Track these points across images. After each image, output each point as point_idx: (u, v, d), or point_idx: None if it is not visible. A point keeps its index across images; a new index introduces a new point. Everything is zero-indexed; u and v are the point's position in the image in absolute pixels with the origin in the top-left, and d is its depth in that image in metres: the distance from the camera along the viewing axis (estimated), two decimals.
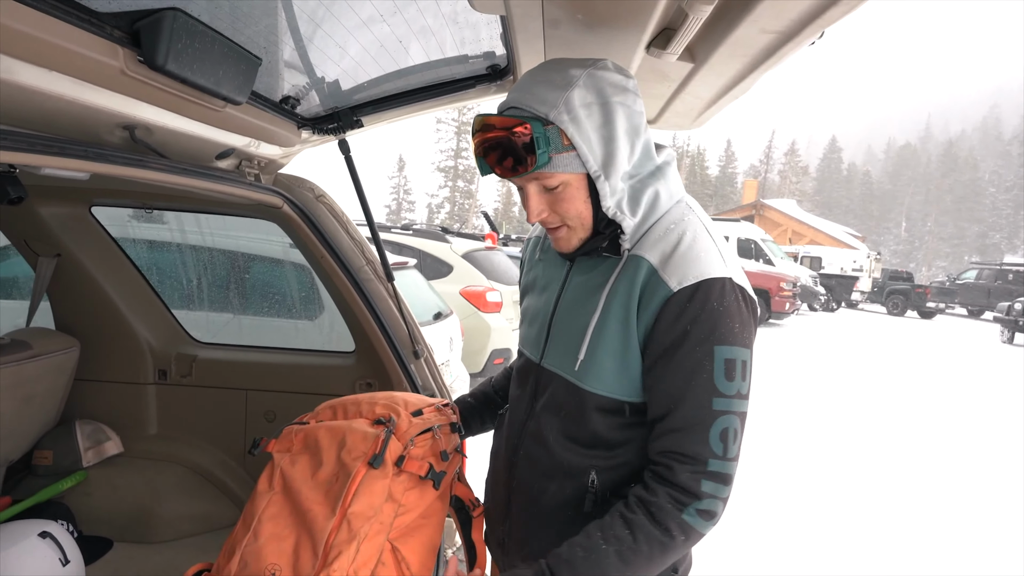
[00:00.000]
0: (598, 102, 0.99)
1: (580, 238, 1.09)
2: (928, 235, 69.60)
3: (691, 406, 0.97)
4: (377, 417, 1.20)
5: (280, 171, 1.94)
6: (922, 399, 8.35)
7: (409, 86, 1.77)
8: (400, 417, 1.19)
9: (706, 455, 0.97)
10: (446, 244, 6.86)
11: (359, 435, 1.15)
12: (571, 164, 1.00)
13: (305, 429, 1.22)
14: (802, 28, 0.98)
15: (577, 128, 0.98)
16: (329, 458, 1.15)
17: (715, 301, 0.98)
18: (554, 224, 1.08)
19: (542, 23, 1.24)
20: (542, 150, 0.97)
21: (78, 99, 1.07)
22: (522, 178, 1.03)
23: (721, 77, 1.32)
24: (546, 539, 1.11)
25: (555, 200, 1.04)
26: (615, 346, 1.04)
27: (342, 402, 1.28)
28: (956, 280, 25.54)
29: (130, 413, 2.44)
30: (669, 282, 0.99)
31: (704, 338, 0.97)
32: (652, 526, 0.96)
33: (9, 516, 2.00)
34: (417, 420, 1.21)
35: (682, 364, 0.98)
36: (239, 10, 1.21)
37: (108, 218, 2.37)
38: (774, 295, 15.25)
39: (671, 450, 0.98)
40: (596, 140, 1.00)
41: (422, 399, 1.30)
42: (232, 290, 3.42)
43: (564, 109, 0.97)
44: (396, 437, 1.16)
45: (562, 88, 0.98)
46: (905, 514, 4.45)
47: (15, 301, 2.89)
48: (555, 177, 1.02)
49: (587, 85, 0.99)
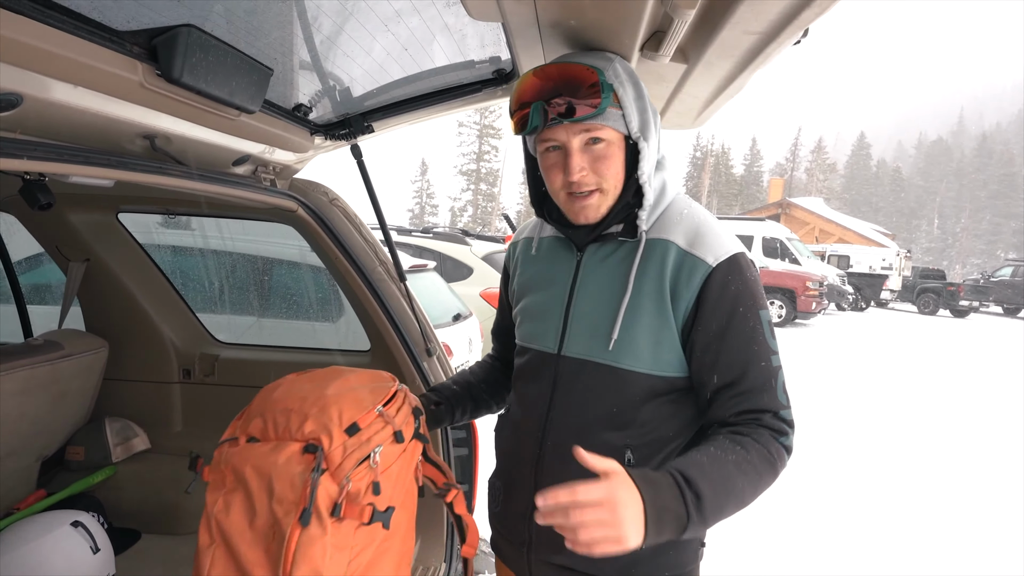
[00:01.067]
0: (630, 80, 1.12)
1: (608, 205, 1.13)
2: (961, 232, 67.93)
3: (756, 368, 1.07)
4: (307, 440, 1.06)
5: (295, 176, 2.02)
6: (954, 401, 8.18)
7: (417, 91, 1.83)
8: (332, 440, 1.05)
9: (779, 407, 1.08)
10: (466, 247, 6.93)
11: (286, 481, 1.02)
12: (618, 121, 1.09)
13: (233, 461, 1.08)
14: (782, 28, 1.01)
15: (624, 90, 1.09)
16: (262, 505, 1.04)
17: (747, 272, 1.10)
18: (590, 186, 1.10)
19: (538, 29, 1.28)
20: (606, 94, 1.05)
21: (102, 111, 1.14)
22: (570, 130, 1.07)
23: (714, 77, 1.36)
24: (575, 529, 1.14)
25: (596, 158, 1.09)
26: (650, 324, 1.10)
27: (275, 402, 1.13)
28: (991, 277, 24.92)
29: (156, 411, 2.54)
30: (706, 259, 1.08)
31: (751, 305, 1.08)
32: (759, 446, 1.04)
33: (44, 507, 2.10)
34: (352, 443, 1.06)
35: (741, 332, 1.07)
36: (251, 24, 1.27)
37: (134, 224, 2.48)
38: (800, 295, 15.03)
39: (750, 408, 1.07)
40: (635, 108, 1.10)
41: (359, 403, 1.12)
42: (253, 292, 3.52)
43: (613, 73, 1.09)
44: (329, 474, 1.03)
45: (607, 59, 1.11)
46: (934, 517, 4.38)
47: (48, 305, 3.02)
48: (604, 130, 1.08)
49: (622, 64, 1.13)
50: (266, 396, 1.17)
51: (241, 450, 1.09)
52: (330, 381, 1.17)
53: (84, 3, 0.96)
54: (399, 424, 1.14)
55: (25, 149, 0.98)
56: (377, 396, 1.15)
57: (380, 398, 1.15)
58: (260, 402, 1.16)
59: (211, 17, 1.18)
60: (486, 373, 1.48)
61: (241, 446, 1.10)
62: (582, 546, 0.88)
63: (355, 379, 1.20)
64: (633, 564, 1.13)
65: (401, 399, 1.20)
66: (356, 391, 1.15)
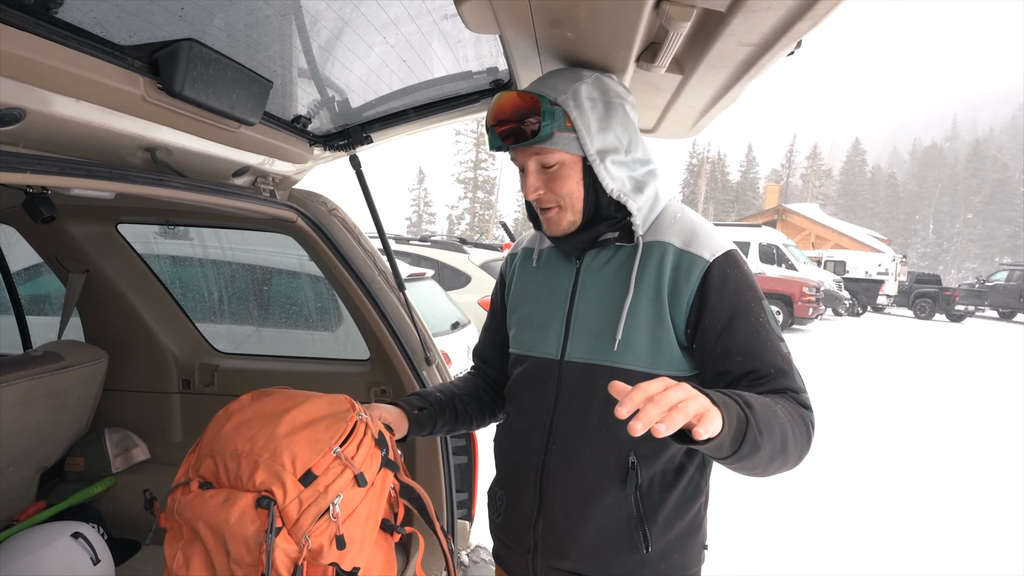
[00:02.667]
0: (602, 99, 1.14)
1: (570, 221, 1.17)
2: (956, 237, 68.19)
3: (773, 355, 1.09)
4: (259, 492, 1.00)
5: (294, 186, 2.03)
6: (952, 405, 8.19)
7: (416, 102, 1.85)
8: (286, 493, 0.99)
9: (799, 388, 1.10)
10: (464, 255, 6.94)
11: (241, 543, 0.97)
12: (570, 144, 1.12)
13: (186, 513, 1.02)
14: (776, 40, 1.03)
15: (580, 113, 1.11)
16: (220, 564, 0.99)
17: (743, 265, 1.14)
18: (549, 204, 1.16)
19: (535, 41, 1.30)
20: (546, 123, 1.09)
21: (103, 125, 1.15)
22: (525, 153, 1.14)
23: (709, 87, 1.37)
24: (590, 532, 1.15)
25: (551, 178, 1.14)
26: (648, 324, 1.12)
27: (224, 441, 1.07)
28: (986, 282, 24.98)
29: (156, 421, 2.54)
30: (703, 254, 1.12)
31: (752, 296, 1.11)
32: (794, 404, 1.07)
33: (44, 519, 2.10)
34: (308, 494, 1.00)
35: (748, 320, 1.10)
36: (251, 37, 1.29)
37: (133, 235, 2.49)
38: (797, 300, 15.05)
39: (774, 389, 1.08)
40: (596, 129, 1.12)
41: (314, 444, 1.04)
42: (252, 302, 3.53)
43: (571, 96, 1.11)
44: (286, 531, 0.98)
45: (572, 81, 1.13)
46: (934, 520, 4.38)
47: (48, 316, 3.02)
48: (553, 155, 1.12)
49: (594, 84, 1.14)
50: (216, 431, 1.10)
51: (193, 500, 1.03)
52: (282, 414, 1.08)
53: (86, 19, 0.98)
54: (360, 465, 1.06)
55: (28, 163, 0.99)
56: (334, 432, 1.07)
57: (337, 435, 1.06)
58: (211, 439, 1.10)
59: (212, 31, 1.20)
60: (469, 387, 1.44)
61: (193, 493, 1.04)
62: (690, 416, 0.81)
63: (311, 409, 1.11)
64: (640, 566, 1.14)
65: (362, 431, 1.11)
66: (311, 428, 1.06)
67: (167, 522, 1.07)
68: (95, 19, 0.99)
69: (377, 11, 1.31)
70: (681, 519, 1.16)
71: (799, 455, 1.05)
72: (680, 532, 1.16)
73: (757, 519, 4.16)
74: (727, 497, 4.42)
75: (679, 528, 1.16)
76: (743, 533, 3.94)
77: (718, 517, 3.95)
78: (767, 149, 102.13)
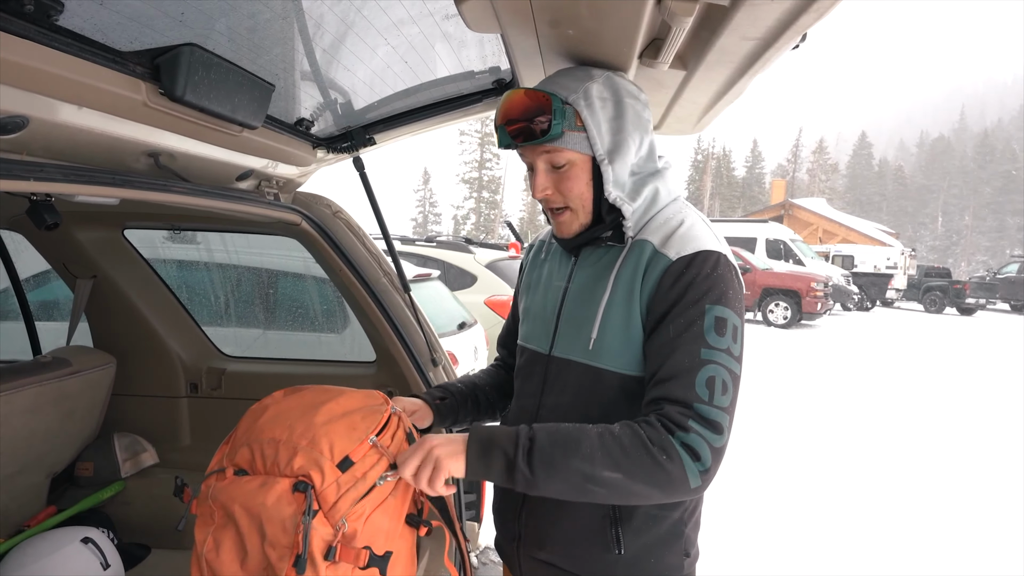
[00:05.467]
0: (613, 99, 1.13)
1: (581, 223, 1.18)
2: (966, 229, 67.71)
3: (680, 355, 1.02)
4: (297, 477, 1.01)
5: (298, 189, 2.03)
6: (964, 399, 8.13)
7: (418, 103, 1.84)
8: (324, 477, 1.00)
9: (692, 399, 1.00)
10: (469, 255, 6.94)
11: (278, 525, 0.98)
12: (580, 144, 1.11)
13: (221, 497, 1.04)
14: (780, 34, 1.01)
15: (591, 113, 1.10)
16: (253, 547, 1.00)
17: (709, 268, 1.07)
18: (557, 204, 1.17)
19: (537, 40, 1.29)
20: (557, 121, 1.08)
21: (106, 131, 1.15)
22: (534, 151, 1.14)
23: (713, 83, 1.36)
24: (565, 525, 1.17)
25: (560, 179, 1.14)
26: (620, 322, 1.12)
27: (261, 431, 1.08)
28: (997, 274, 24.77)
29: (164, 425, 2.55)
30: (668, 254, 1.09)
31: (698, 299, 1.05)
32: (638, 430, 1.00)
33: (54, 524, 2.11)
34: (346, 479, 1.02)
35: (676, 322, 1.05)
36: (252, 41, 1.29)
37: (140, 240, 2.50)
38: (805, 296, 14.98)
39: (660, 396, 1.03)
40: (606, 129, 1.12)
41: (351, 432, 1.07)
42: (258, 305, 3.54)
43: (582, 95, 1.10)
44: (323, 515, 0.99)
45: (583, 80, 1.12)
46: (945, 516, 4.35)
47: (56, 322, 3.04)
48: (563, 154, 1.12)
49: (606, 83, 1.14)
50: (252, 422, 1.11)
51: (228, 485, 1.04)
52: (319, 405, 1.10)
53: (87, 25, 0.98)
54: (394, 455, 1.08)
55: (31, 170, 0.99)
56: (370, 423, 1.09)
57: (373, 425, 1.09)
58: (246, 428, 1.11)
59: (213, 35, 1.19)
60: (491, 378, 1.49)
61: (228, 479, 1.05)
62: (422, 484, 1.02)
63: (346, 402, 1.13)
64: (613, 565, 1.14)
65: (395, 424, 1.14)
66: (348, 417, 1.09)
67: (198, 508, 1.08)
68: (96, 26, 0.99)
69: (379, 13, 1.31)
70: (658, 525, 1.14)
71: (633, 479, 0.98)
72: (657, 538, 1.15)
73: (761, 518, 4.14)
74: (729, 495, 4.41)
75: (656, 534, 1.14)
76: (745, 532, 3.92)
77: (720, 515, 3.95)
78: (772, 144, 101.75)
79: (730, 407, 1.02)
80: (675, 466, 0.97)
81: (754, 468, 5.10)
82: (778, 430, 6.29)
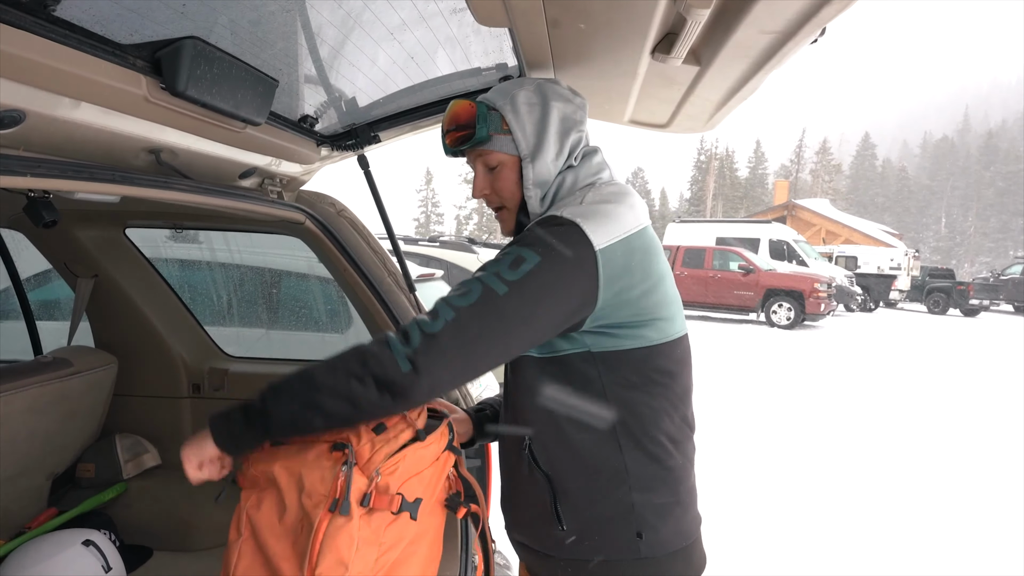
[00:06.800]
0: (540, 103, 1.21)
1: (518, 221, 1.26)
2: (970, 230, 67.54)
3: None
4: (335, 441, 1.08)
5: (302, 188, 2.00)
6: (968, 401, 8.08)
7: (424, 100, 1.81)
8: (360, 438, 1.07)
9: (439, 301, 1.04)
10: (473, 255, 6.91)
11: (316, 475, 1.05)
12: (507, 145, 1.21)
13: (260, 463, 1.12)
14: (800, 27, 0.99)
15: (515, 117, 1.19)
16: (292, 501, 1.06)
17: (541, 226, 1.09)
18: (495, 204, 1.27)
19: (547, 34, 1.26)
20: (481, 126, 1.19)
21: (106, 127, 1.13)
22: (472, 156, 1.25)
23: (727, 79, 1.33)
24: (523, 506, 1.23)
25: (494, 179, 1.24)
26: None
27: None
28: (1001, 276, 24.69)
29: (167, 426, 2.52)
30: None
31: (512, 247, 1.08)
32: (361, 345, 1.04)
33: (55, 526, 2.08)
34: (380, 439, 1.08)
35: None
36: (255, 35, 1.26)
37: (142, 239, 2.47)
38: (808, 296, 14.92)
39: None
40: (531, 131, 1.19)
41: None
42: (261, 305, 3.51)
43: (508, 101, 1.20)
44: (359, 469, 1.05)
45: (512, 88, 1.22)
46: (948, 518, 4.31)
47: (58, 321, 3.02)
48: (493, 156, 1.22)
49: (535, 90, 1.22)
50: None
51: (267, 452, 1.13)
52: None
53: (86, 17, 0.95)
54: (420, 425, 1.15)
55: (29, 166, 0.96)
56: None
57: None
58: None
59: (215, 29, 1.17)
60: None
61: (267, 450, 1.14)
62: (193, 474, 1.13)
63: None
64: (561, 541, 1.17)
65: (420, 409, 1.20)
66: None
67: (242, 480, 1.16)
68: (95, 17, 0.96)
69: (385, 7, 1.28)
70: (598, 502, 1.15)
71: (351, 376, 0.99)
72: (598, 516, 1.15)
73: (763, 518, 4.11)
74: (730, 495, 4.37)
75: (596, 511, 1.15)
76: (747, 532, 3.88)
77: (721, 514, 3.91)
78: (776, 145, 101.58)
79: (465, 308, 1.00)
80: (383, 350, 0.99)
81: (756, 468, 5.07)
82: (781, 431, 6.25)
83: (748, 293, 15.66)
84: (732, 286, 15.82)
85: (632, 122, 1.86)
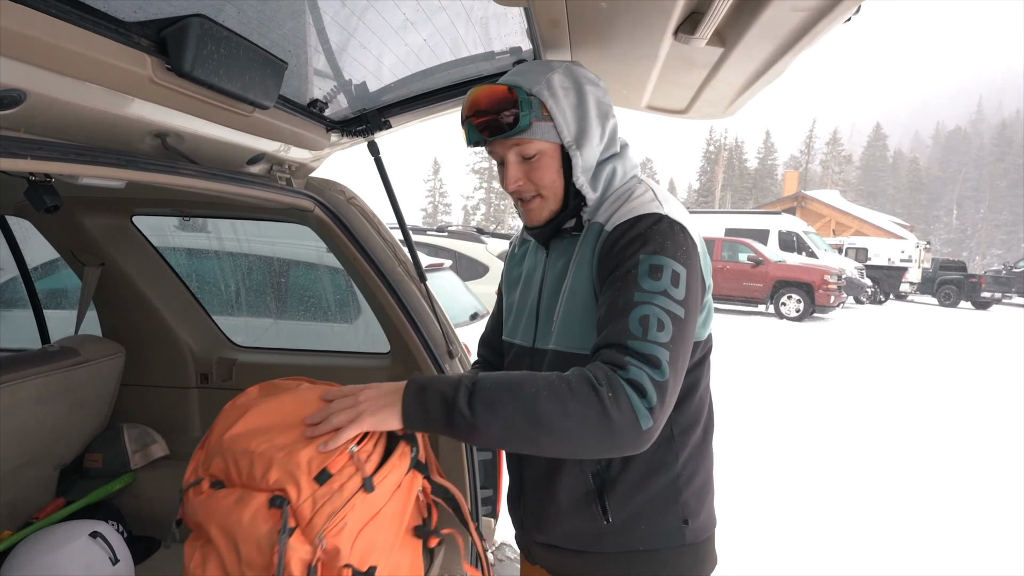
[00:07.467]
0: (574, 87, 1.15)
1: (551, 210, 1.20)
2: (982, 222, 66.89)
3: (615, 303, 1.02)
4: (272, 491, 0.95)
5: (311, 174, 1.96)
6: (978, 394, 8.00)
7: (436, 85, 1.77)
8: (300, 492, 0.94)
9: (625, 338, 0.98)
10: (481, 245, 6.88)
11: (252, 545, 0.93)
12: (548, 133, 1.13)
13: (198, 515, 1.00)
14: (838, 2, 0.93)
15: (555, 102, 1.13)
16: (232, 567, 0.95)
17: (644, 227, 1.06)
18: (529, 194, 1.19)
19: (566, 13, 1.21)
20: (524, 113, 1.10)
21: (109, 108, 1.09)
22: (503, 146, 1.15)
23: (752, 61, 1.28)
24: (554, 504, 1.18)
25: (531, 169, 1.16)
26: (581, 304, 1.14)
27: (235, 440, 1.02)
28: (1013, 268, 24.44)
29: (174, 416, 2.50)
30: (608, 227, 1.12)
31: (632, 254, 1.05)
32: (585, 371, 0.97)
33: (62, 517, 2.07)
34: (323, 492, 0.94)
35: (615, 281, 1.05)
36: (264, 14, 1.21)
37: (149, 227, 2.44)
38: (818, 288, 14.81)
39: (599, 345, 1.02)
40: (571, 116, 1.14)
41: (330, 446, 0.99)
42: (270, 295, 3.49)
43: (545, 85, 1.13)
44: (300, 532, 0.93)
45: (544, 72, 1.15)
46: (957, 513, 4.27)
47: (65, 310, 3.00)
48: (533, 144, 1.14)
49: (566, 73, 1.16)
50: (226, 426, 1.05)
51: (205, 500, 1.00)
52: (299, 411, 1.04)
53: None
54: (370, 468, 1.00)
55: (29, 149, 0.93)
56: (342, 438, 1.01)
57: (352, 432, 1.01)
58: (219, 434, 1.05)
59: (222, 7, 1.12)
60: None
61: (205, 494, 1.01)
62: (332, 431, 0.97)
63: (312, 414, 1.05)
64: (603, 535, 1.15)
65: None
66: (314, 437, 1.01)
67: (189, 522, 1.04)
68: None
69: None
70: (645, 491, 1.15)
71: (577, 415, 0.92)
72: (645, 504, 1.15)
73: (771, 513, 4.07)
74: (739, 488, 4.34)
75: (643, 500, 1.15)
76: (756, 525, 3.85)
77: (730, 509, 3.88)
78: (785, 135, 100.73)
79: (670, 344, 0.97)
80: (622, 402, 0.92)
81: (764, 462, 5.03)
82: (790, 423, 6.21)
83: (757, 284, 15.56)
84: (741, 277, 15.72)
85: (650, 108, 1.81)
